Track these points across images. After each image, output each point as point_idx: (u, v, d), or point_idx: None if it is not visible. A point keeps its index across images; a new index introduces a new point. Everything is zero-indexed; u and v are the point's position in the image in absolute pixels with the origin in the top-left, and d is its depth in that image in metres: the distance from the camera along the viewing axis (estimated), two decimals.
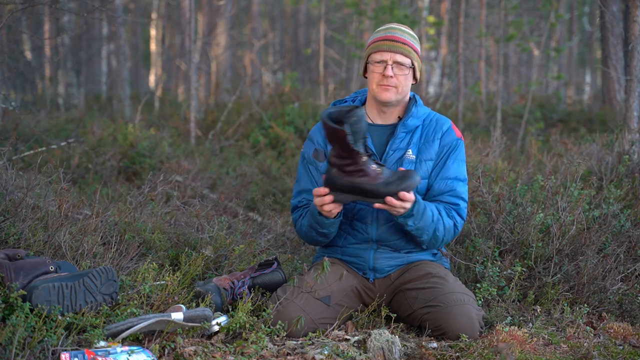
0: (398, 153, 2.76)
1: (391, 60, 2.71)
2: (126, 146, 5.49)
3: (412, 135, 2.79)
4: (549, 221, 3.07)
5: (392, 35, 2.74)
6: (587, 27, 18.75)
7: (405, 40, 2.74)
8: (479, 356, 2.35)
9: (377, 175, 2.50)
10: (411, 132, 2.79)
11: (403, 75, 2.72)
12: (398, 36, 2.74)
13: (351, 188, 2.53)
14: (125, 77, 9.96)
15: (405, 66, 2.72)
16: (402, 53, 2.72)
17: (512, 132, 8.06)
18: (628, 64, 4.41)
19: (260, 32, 15.40)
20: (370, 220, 2.75)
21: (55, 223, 2.82)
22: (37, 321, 2.14)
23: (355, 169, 2.49)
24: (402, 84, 2.73)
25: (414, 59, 2.75)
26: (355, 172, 2.50)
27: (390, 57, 2.71)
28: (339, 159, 2.49)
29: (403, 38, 2.74)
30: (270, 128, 6.57)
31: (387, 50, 2.71)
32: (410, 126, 2.79)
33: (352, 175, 2.51)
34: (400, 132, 2.77)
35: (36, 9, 7.22)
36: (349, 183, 2.52)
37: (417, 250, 2.81)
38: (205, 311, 2.38)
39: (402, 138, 2.78)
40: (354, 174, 2.50)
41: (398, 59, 2.71)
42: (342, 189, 2.54)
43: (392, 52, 2.71)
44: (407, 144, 2.77)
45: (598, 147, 4.24)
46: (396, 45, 2.72)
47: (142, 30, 18.57)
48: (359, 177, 2.51)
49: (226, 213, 4.28)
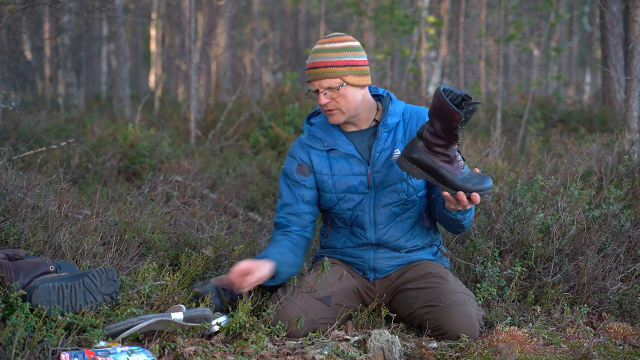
0: (385, 153, 2.74)
1: (321, 88, 2.65)
2: (126, 146, 5.49)
3: (394, 133, 2.76)
4: (549, 221, 3.07)
5: (312, 62, 2.67)
6: (587, 27, 18.76)
7: (327, 62, 2.64)
8: (479, 356, 2.35)
9: (459, 167, 2.50)
10: (393, 130, 2.76)
11: (339, 97, 2.66)
12: (318, 61, 2.65)
13: (429, 167, 2.51)
14: (125, 77, 9.96)
15: (335, 88, 2.65)
16: (326, 77, 2.63)
17: (512, 132, 8.06)
18: (628, 64, 4.41)
19: (260, 32, 15.39)
20: (368, 225, 2.75)
21: (55, 223, 2.82)
22: (37, 321, 2.14)
23: (443, 152, 2.48)
24: (342, 104, 2.67)
25: (343, 76, 2.64)
26: (440, 155, 2.49)
27: (318, 84, 2.65)
28: (433, 136, 2.47)
29: (324, 61, 2.64)
30: (270, 128, 6.57)
31: (313, 79, 2.66)
32: (391, 125, 2.75)
33: (437, 156, 2.49)
34: (383, 133, 2.75)
35: (36, 9, 7.22)
36: (430, 162, 2.50)
37: (417, 250, 2.81)
38: (205, 311, 2.38)
39: (385, 138, 2.75)
40: (439, 155, 2.49)
41: (324, 84, 2.64)
42: (420, 164, 2.52)
43: (318, 80, 2.65)
44: (392, 143, 2.75)
45: (598, 147, 4.24)
46: (318, 73, 2.64)
47: (142, 30, 18.57)
48: (442, 160, 2.49)
49: (226, 213, 4.28)
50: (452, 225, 2.70)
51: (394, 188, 2.73)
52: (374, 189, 2.73)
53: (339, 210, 2.78)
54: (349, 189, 2.75)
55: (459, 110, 2.35)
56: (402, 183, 2.73)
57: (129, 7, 19.03)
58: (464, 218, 2.63)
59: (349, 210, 2.76)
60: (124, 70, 10.01)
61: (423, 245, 2.82)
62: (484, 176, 2.51)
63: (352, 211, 2.76)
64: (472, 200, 2.50)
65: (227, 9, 11.88)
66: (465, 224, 2.68)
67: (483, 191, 2.49)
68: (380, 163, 2.73)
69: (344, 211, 2.77)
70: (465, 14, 9.08)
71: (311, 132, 2.82)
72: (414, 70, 9.40)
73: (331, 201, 2.78)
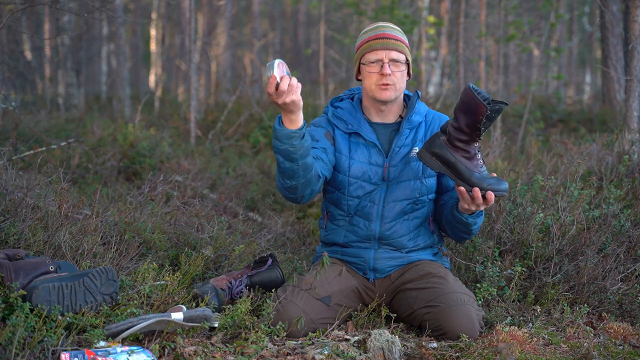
0: (404, 150, 2.76)
1: (387, 58, 2.69)
2: (126, 146, 5.48)
3: (416, 131, 2.79)
4: (549, 221, 3.07)
5: (383, 33, 2.72)
6: (587, 27, 18.75)
7: (397, 37, 2.73)
8: (479, 356, 2.35)
9: (478, 165, 2.53)
10: (415, 129, 2.80)
11: (400, 72, 2.71)
12: (389, 33, 2.72)
13: (448, 161, 2.54)
14: (125, 77, 9.95)
15: (401, 62, 2.71)
16: (396, 49, 2.70)
17: (512, 132, 8.05)
18: (628, 64, 4.41)
19: (260, 32, 15.38)
20: (375, 217, 2.75)
21: (55, 223, 2.82)
22: (37, 321, 2.14)
23: (464, 147, 2.51)
24: (399, 81, 2.72)
25: (407, 55, 2.74)
26: (461, 150, 2.52)
27: (386, 54, 2.69)
28: (457, 131, 2.50)
29: (395, 35, 2.73)
30: (270, 128, 6.56)
31: (382, 48, 2.69)
32: (415, 122, 2.79)
33: (457, 151, 2.52)
34: (405, 129, 2.78)
35: (36, 9, 7.22)
36: (450, 155, 2.53)
37: (418, 250, 2.81)
38: (205, 311, 2.38)
39: (406, 135, 2.78)
40: (460, 151, 2.52)
41: (393, 56, 2.70)
42: (439, 157, 2.56)
43: (387, 50, 2.69)
44: (412, 141, 2.77)
45: (598, 147, 4.24)
46: (390, 43, 2.70)
47: (142, 30, 18.56)
48: (462, 156, 2.52)
49: (226, 213, 4.28)
50: (460, 230, 2.71)
51: (408, 185, 2.74)
52: (388, 182, 2.74)
53: (348, 195, 2.77)
54: (363, 176, 2.75)
55: (485, 104, 2.38)
56: (416, 181, 2.74)
57: (129, 7, 19.02)
58: (474, 222, 2.64)
59: (357, 198, 2.76)
60: (124, 70, 10.00)
61: (424, 245, 2.82)
62: (500, 179, 2.54)
63: (360, 199, 2.76)
64: (487, 199, 2.51)
65: (227, 9, 11.87)
66: (474, 229, 2.69)
67: (498, 192, 2.51)
68: (398, 158, 2.74)
69: (353, 198, 2.77)
70: (465, 14, 9.07)
71: (336, 113, 2.84)
72: (414, 70, 9.40)
73: (342, 183, 2.78)
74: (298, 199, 2.67)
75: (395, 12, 9.69)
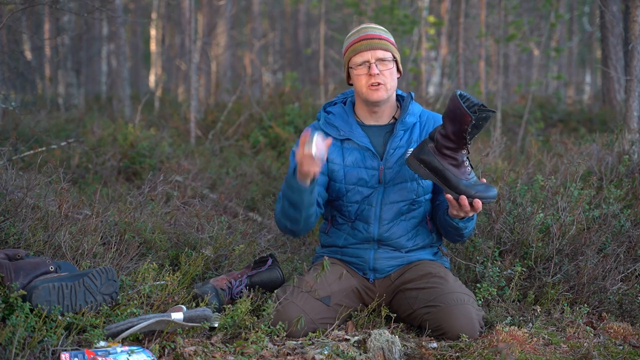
0: (399, 151, 2.76)
1: (373, 58, 2.69)
2: (126, 146, 5.48)
3: (410, 132, 2.79)
4: (549, 221, 3.07)
5: (366, 34, 2.73)
6: (587, 27, 18.75)
7: (381, 36, 2.73)
8: (479, 356, 2.35)
9: (465, 172, 2.54)
10: (409, 130, 2.79)
11: (388, 70, 2.71)
12: (372, 33, 2.73)
13: (436, 169, 2.55)
14: (125, 77, 9.94)
15: (388, 60, 2.71)
16: (381, 48, 2.70)
17: (512, 132, 8.05)
18: (628, 64, 4.41)
19: (260, 32, 15.38)
20: (373, 219, 2.75)
21: (55, 223, 2.82)
22: (37, 321, 2.14)
23: (452, 155, 2.52)
24: (388, 80, 2.71)
25: (393, 52, 2.74)
26: (449, 157, 2.53)
27: (372, 55, 2.69)
28: (444, 138, 2.51)
29: (378, 34, 2.73)
30: (270, 128, 6.56)
31: (367, 49, 2.69)
32: (408, 123, 2.78)
33: (445, 158, 2.53)
34: (399, 130, 2.77)
35: (36, 9, 7.22)
36: (437, 163, 2.54)
37: (417, 249, 2.81)
38: (205, 311, 2.38)
39: (401, 136, 2.77)
40: (447, 158, 2.53)
41: (379, 55, 2.69)
42: (427, 165, 2.57)
43: (372, 50, 2.69)
44: (407, 142, 2.77)
45: (598, 147, 4.23)
46: (374, 43, 2.70)
47: (142, 30, 18.56)
48: (449, 163, 2.53)
49: (226, 213, 4.28)
50: (453, 233, 2.72)
51: (404, 186, 2.74)
52: (384, 184, 2.74)
53: (347, 202, 2.78)
54: (359, 182, 2.75)
55: (471, 113, 2.37)
56: (412, 182, 2.74)
57: (129, 7, 19.01)
58: (465, 227, 2.65)
59: (356, 203, 2.77)
60: (124, 70, 10.00)
61: (423, 245, 2.82)
62: (489, 186, 2.54)
63: (359, 204, 2.76)
64: (474, 207, 2.53)
65: (227, 9, 11.87)
66: (466, 233, 2.70)
67: (486, 199, 2.52)
68: (393, 160, 2.74)
69: (352, 203, 2.77)
70: (465, 14, 9.07)
71: (328, 119, 2.83)
72: (414, 70, 9.40)
73: (340, 191, 2.78)
74: (294, 235, 2.81)
75: (395, 12, 9.68)
